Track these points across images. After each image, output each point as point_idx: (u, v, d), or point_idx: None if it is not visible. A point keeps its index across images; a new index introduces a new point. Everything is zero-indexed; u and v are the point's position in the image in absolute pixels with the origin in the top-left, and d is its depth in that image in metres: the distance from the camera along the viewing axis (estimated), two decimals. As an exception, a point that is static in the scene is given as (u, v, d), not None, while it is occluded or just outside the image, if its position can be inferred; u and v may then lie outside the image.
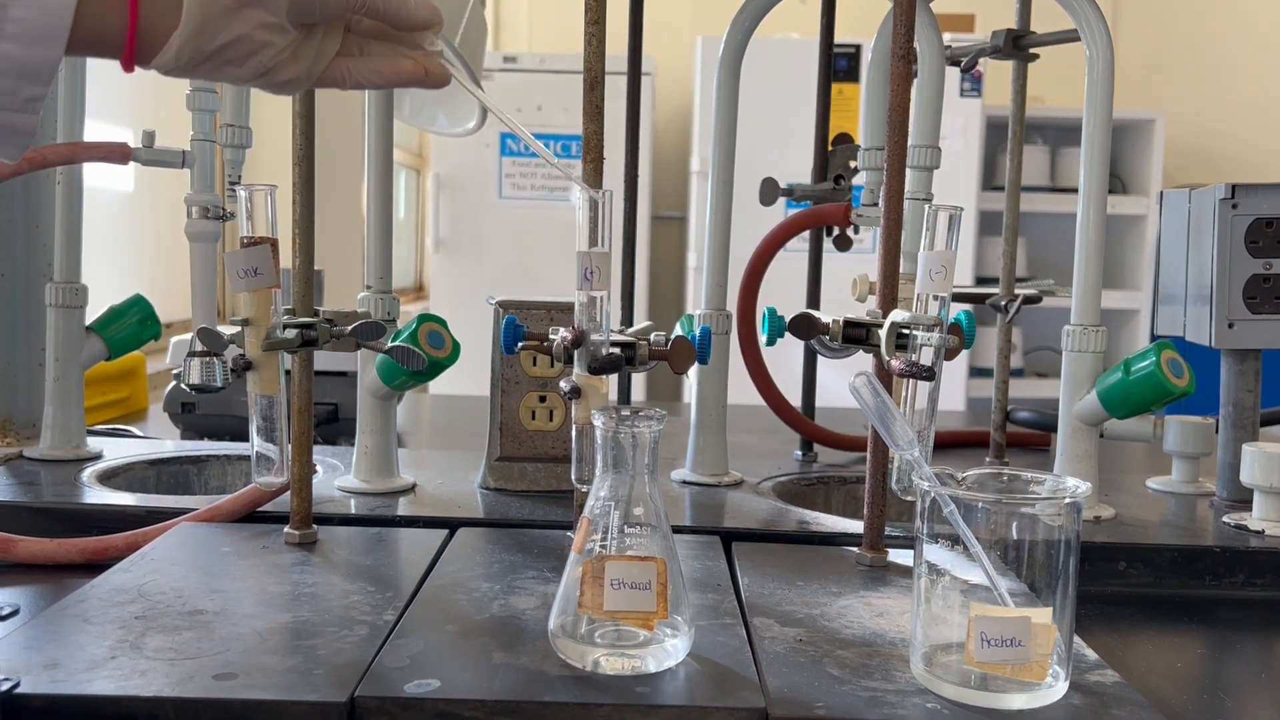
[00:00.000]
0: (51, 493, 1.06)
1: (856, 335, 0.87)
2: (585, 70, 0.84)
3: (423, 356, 0.93)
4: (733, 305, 1.18)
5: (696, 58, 3.72)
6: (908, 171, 0.90)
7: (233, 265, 0.81)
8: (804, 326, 0.90)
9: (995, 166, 3.98)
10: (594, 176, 0.84)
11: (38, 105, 0.62)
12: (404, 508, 1.02)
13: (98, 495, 1.06)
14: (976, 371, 3.84)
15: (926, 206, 0.80)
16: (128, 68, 0.64)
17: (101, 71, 1.00)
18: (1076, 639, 0.70)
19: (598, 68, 0.84)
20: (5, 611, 0.79)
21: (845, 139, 1.26)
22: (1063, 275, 1.19)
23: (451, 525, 0.97)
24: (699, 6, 4.15)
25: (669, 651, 0.66)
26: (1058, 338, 1.09)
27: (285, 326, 0.85)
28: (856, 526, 0.96)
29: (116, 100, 2.32)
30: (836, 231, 1.25)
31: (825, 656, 0.69)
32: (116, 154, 1.12)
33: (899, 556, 0.89)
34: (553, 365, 1.08)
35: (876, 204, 1.11)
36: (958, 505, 0.65)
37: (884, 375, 0.84)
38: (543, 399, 1.09)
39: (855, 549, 0.91)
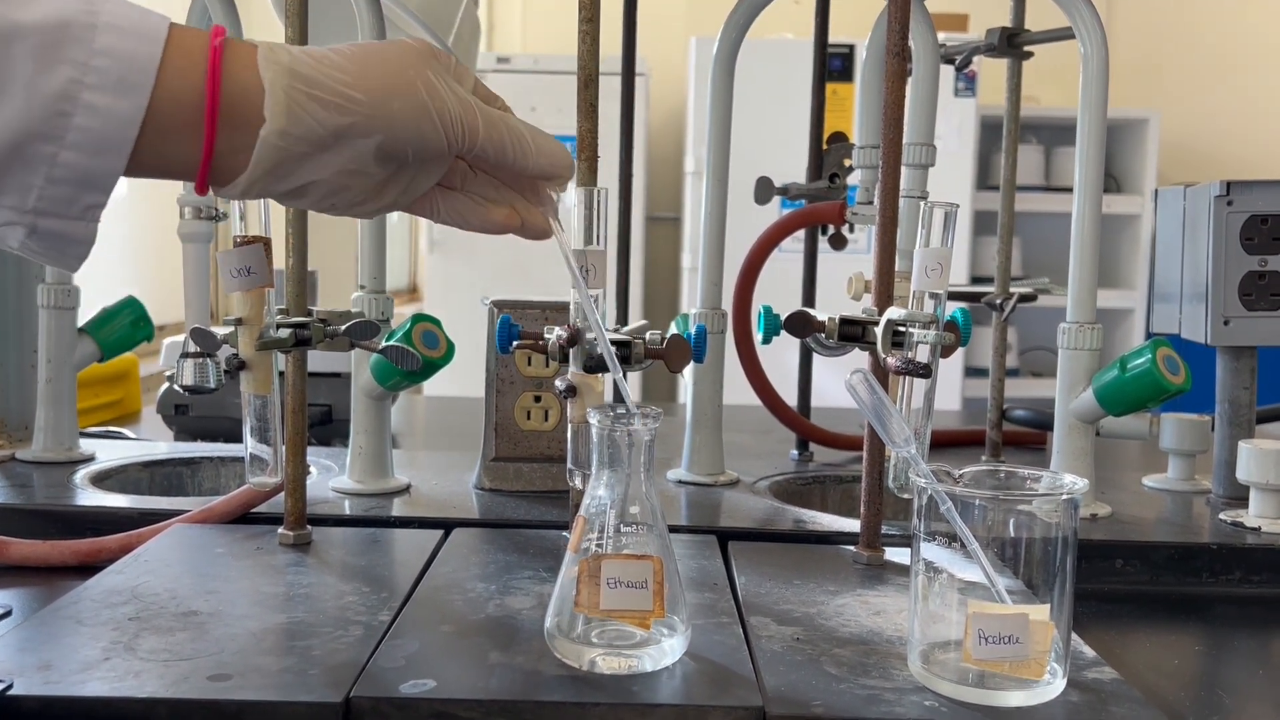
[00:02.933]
0: (44, 495, 1.05)
1: (852, 333, 0.87)
2: (579, 68, 0.83)
3: (417, 356, 0.93)
4: (728, 304, 1.18)
5: (690, 58, 3.72)
6: (903, 169, 0.90)
7: (226, 265, 0.80)
8: (799, 324, 0.89)
9: (990, 166, 3.98)
10: (589, 175, 0.83)
11: (97, 213, 0.58)
12: (399, 508, 1.02)
13: (91, 497, 1.05)
14: (972, 371, 3.84)
15: (922, 203, 0.80)
16: (200, 192, 0.60)
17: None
18: (1074, 636, 0.70)
19: (592, 66, 0.84)
20: (-2, 613, 0.79)
21: (840, 137, 1.26)
22: (1058, 275, 1.19)
23: (447, 526, 0.96)
24: (693, 7, 4.15)
25: (665, 651, 0.66)
26: (1053, 337, 1.09)
27: (279, 326, 0.84)
28: (853, 525, 0.96)
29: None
30: (831, 230, 1.25)
31: (822, 655, 0.69)
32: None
33: (895, 555, 0.89)
34: (547, 365, 1.08)
35: (871, 202, 1.10)
36: (954, 502, 0.65)
37: (880, 373, 0.84)
38: (538, 399, 1.09)
39: (852, 548, 0.91)
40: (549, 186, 0.70)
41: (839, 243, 1.25)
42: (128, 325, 1.23)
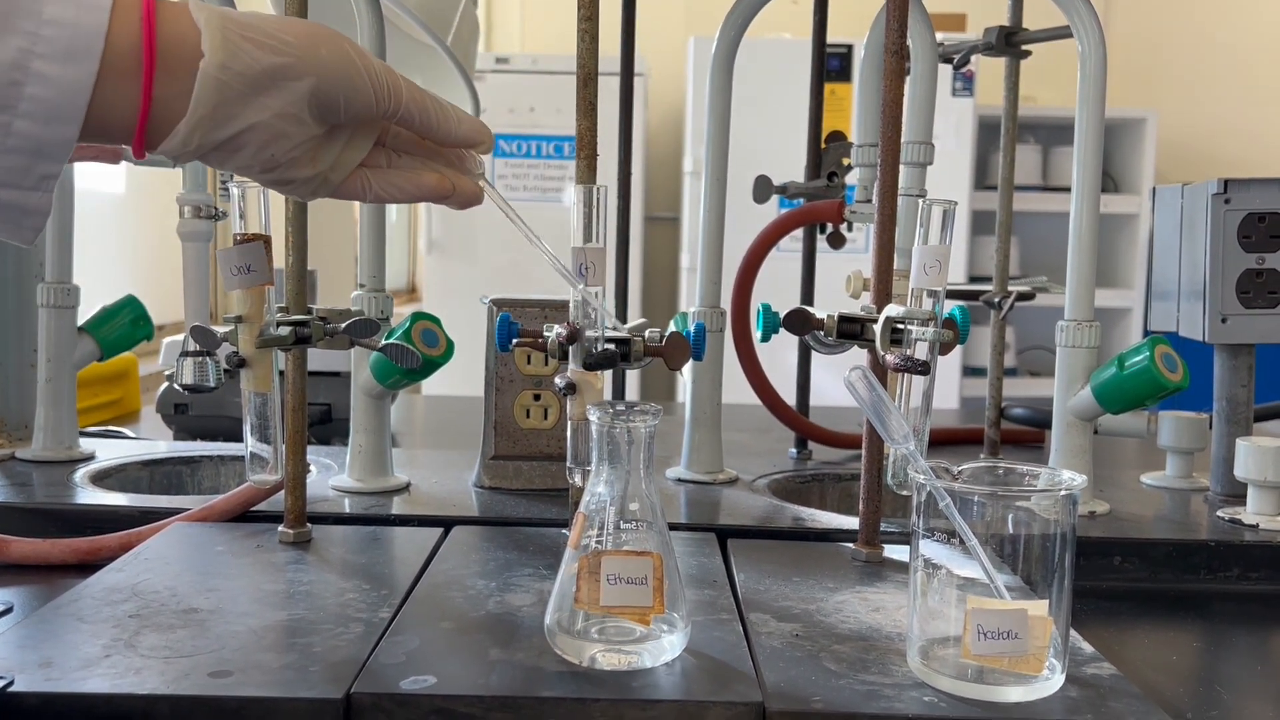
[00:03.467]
0: (44, 493, 1.06)
1: (851, 330, 0.87)
2: (578, 66, 0.84)
3: (417, 354, 0.93)
4: (727, 303, 1.18)
5: (689, 59, 3.72)
6: (901, 168, 0.90)
7: (226, 262, 0.80)
8: (799, 322, 0.90)
9: (987, 166, 3.99)
10: (588, 173, 0.83)
11: (51, 184, 0.59)
12: (399, 506, 1.02)
13: (91, 496, 1.05)
14: (970, 371, 3.85)
15: (921, 201, 0.80)
16: (138, 153, 0.61)
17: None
18: (1073, 632, 0.70)
19: (591, 64, 0.84)
20: (-1, 610, 0.79)
21: (838, 136, 1.26)
22: (1055, 275, 1.19)
23: (446, 524, 0.97)
24: (691, 7, 4.15)
25: (665, 647, 0.66)
26: (1051, 337, 1.09)
27: (279, 324, 0.84)
28: (852, 523, 0.96)
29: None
30: (830, 229, 1.25)
31: (822, 651, 0.69)
32: (108, 154, 1.11)
33: (894, 552, 0.89)
34: (547, 363, 1.08)
35: (870, 200, 1.11)
36: (953, 499, 0.65)
37: (879, 370, 0.84)
38: (537, 397, 1.09)
39: (851, 545, 0.91)
40: (475, 152, 0.73)
41: (837, 241, 1.25)
42: (127, 324, 1.24)
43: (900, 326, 0.81)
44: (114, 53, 0.58)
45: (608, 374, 1.29)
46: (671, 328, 0.91)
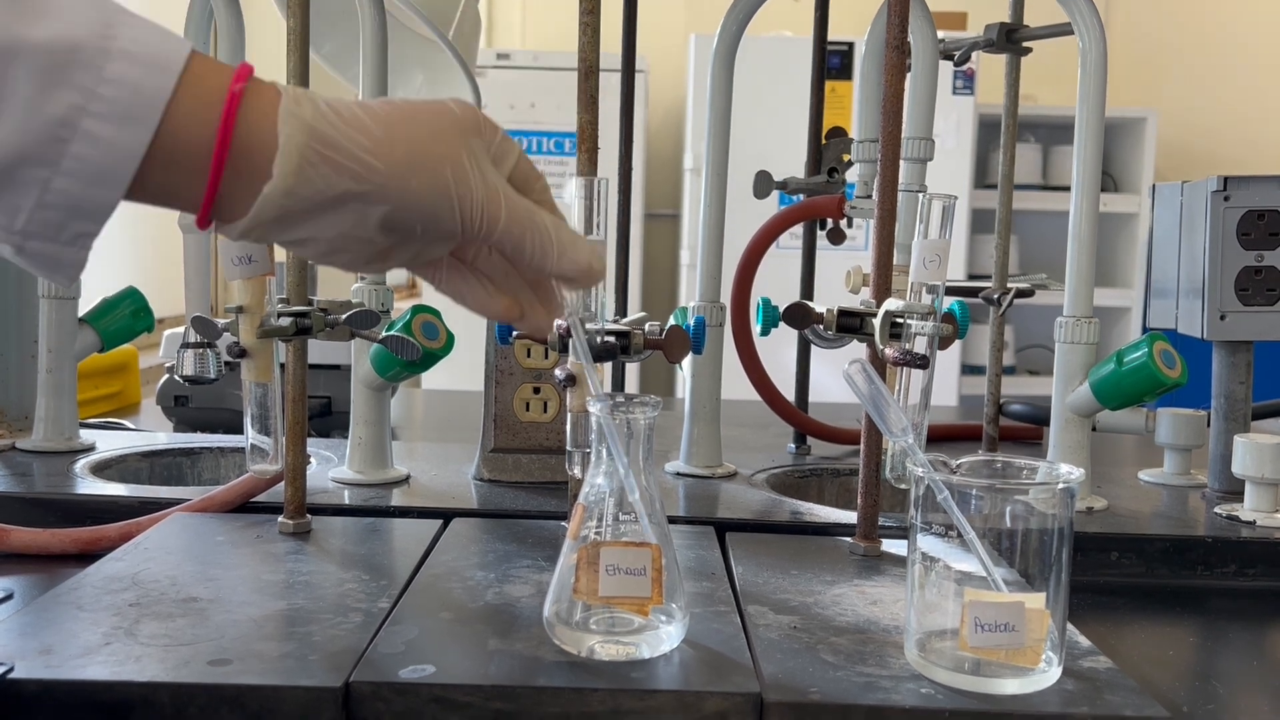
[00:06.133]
0: (44, 484, 1.06)
1: (850, 324, 0.87)
2: (580, 59, 0.84)
3: (417, 346, 0.93)
4: (726, 299, 1.18)
5: (689, 56, 3.73)
6: (901, 163, 0.90)
7: (227, 252, 0.81)
8: (798, 316, 0.90)
9: (987, 164, 3.99)
10: (589, 166, 0.84)
11: (88, 241, 0.55)
12: (398, 498, 1.02)
13: (91, 486, 1.06)
14: (969, 369, 3.85)
15: (921, 195, 0.80)
16: (201, 228, 0.57)
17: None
18: (1069, 626, 0.70)
19: (592, 57, 0.84)
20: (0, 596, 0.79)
21: (839, 132, 1.26)
22: (1055, 273, 1.19)
23: (446, 516, 0.97)
24: (692, 5, 4.15)
25: (664, 638, 0.66)
26: (1049, 335, 1.09)
27: (280, 314, 0.85)
28: (850, 517, 0.96)
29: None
30: (830, 225, 1.25)
31: (819, 643, 0.70)
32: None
33: (892, 546, 0.89)
34: (546, 357, 1.08)
35: (870, 196, 1.11)
36: (952, 492, 0.65)
37: (878, 364, 0.84)
38: (537, 390, 1.09)
39: (849, 539, 0.91)
40: (567, 288, 0.67)
41: (837, 237, 1.25)
42: (128, 315, 1.24)
43: (899, 320, 0.82)
44: (183, 141, 0.54)
45: (607, 367, 1.29)
46: (671, 321, 0.92)
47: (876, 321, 0.83)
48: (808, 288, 1.35)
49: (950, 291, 1.28)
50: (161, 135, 0.53)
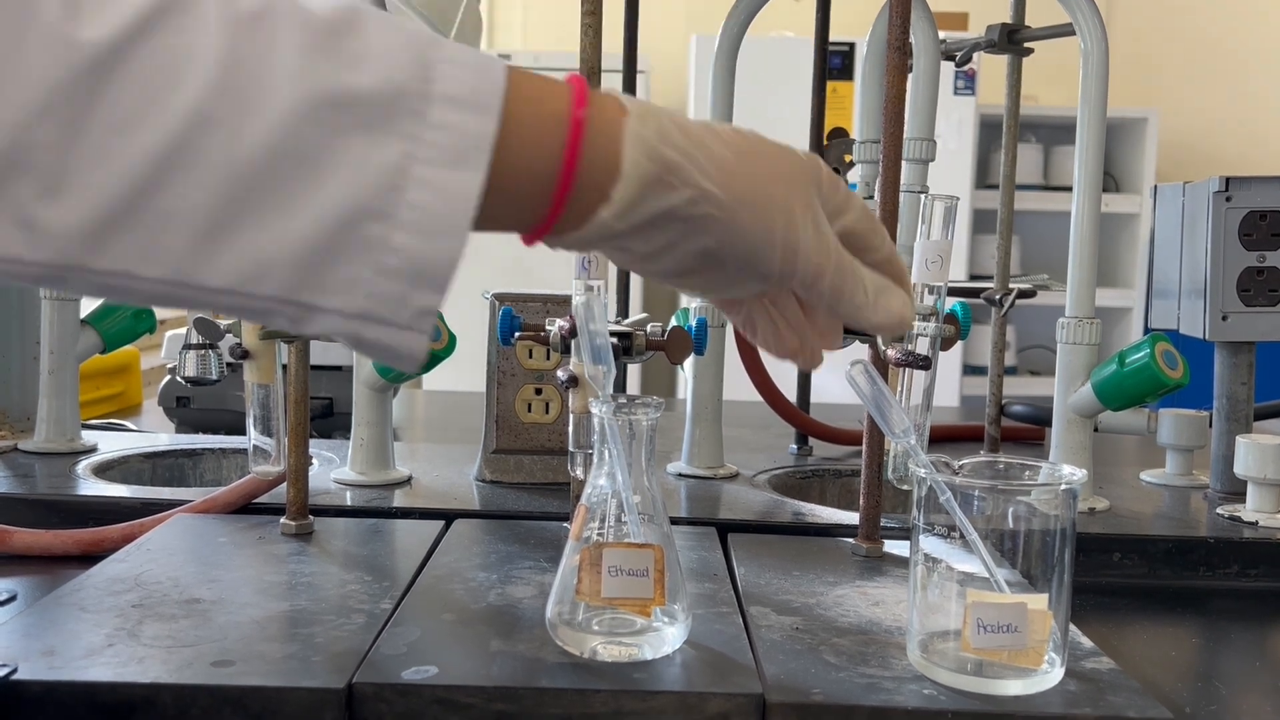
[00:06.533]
0: (46, 485, 1.06)
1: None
2: (581, 61, 0.84)
3: (419, 348, 0.93)
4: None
5: (691, 57, 3.72)
6: (903, 164, 0.90)
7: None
8: (800, 317, 0.89)
9: (989, 165, 3.99)
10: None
11: (427, 323, 0.49)
12: (400, 499, 1.02)
13: (93, 487, 1.06)
14: (970, 369, 3.85)
15: (923, 196, 0.80)
16: (527, 244, 0.54)
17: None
18: (1072, 627, 0.70)
19: (594, 58, 0.84)
20: (2, 597, 0.79)
21: (840, 133, 1.26)
22: (1056, 274, 1.19)
23: (448, 517, 0.97)
24: (693, 5, 4.15)
25: (666, 639, 0.66)
26: (1051, 336, 1.09)
27: (282, 317, 0.84)
28: (852, 518, 0.96)
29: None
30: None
31: (822, 644, 0.70)
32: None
33: (894, 547, 0.89)
34: (548, 358, 1.08)
35: (872, 196, 1.11)
36: (954, 493, 0.65)
37: (880, 365, 0.84)
38: (539, 391, 1.09)
39: (851, 540, 0.91)
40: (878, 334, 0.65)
41: (839, 238, 1.25)
42: (130, 317, 1.24)
43: (901, 322, 0.81)
44: (520, 171, 0.51)
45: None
46: (673, 322, 0.92)
47: (878, 322, 0.83)
48: (809, 288, 1.34)
49: (951, 292, 1.28)
50: (496, 172, 0.49)
